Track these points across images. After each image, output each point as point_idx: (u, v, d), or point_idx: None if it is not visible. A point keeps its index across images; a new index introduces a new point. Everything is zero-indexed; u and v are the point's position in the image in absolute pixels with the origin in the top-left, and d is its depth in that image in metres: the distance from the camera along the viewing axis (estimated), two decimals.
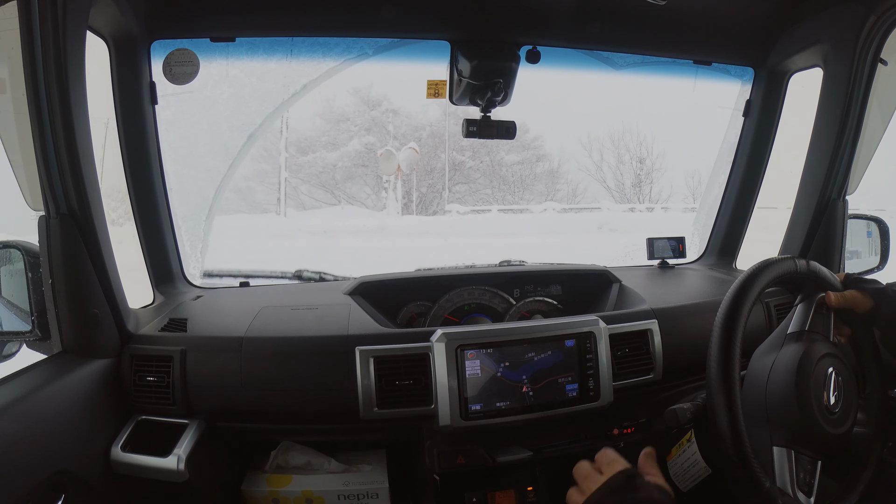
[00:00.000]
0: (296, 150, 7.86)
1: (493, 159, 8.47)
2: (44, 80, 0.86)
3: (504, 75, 1.30)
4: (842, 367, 0.80)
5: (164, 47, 1.23)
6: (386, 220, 8.25)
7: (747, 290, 0.78)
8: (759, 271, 0.80)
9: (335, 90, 7.65)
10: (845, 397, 0.78)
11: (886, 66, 1.27)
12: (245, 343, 1.05)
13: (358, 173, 8.80)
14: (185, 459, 0.96)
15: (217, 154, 1.62)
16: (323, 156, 8.15)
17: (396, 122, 6.95)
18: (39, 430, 0.82)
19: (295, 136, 7.78)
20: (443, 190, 9.21)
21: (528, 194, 9.72)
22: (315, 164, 8.21)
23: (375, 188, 8.87)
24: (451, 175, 8.95)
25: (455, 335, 1.05)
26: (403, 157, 2.73)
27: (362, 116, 8.11)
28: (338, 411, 1.04)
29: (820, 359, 0.78)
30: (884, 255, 1.43)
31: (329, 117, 8.33)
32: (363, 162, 8.71)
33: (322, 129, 7.71)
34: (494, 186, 9.46)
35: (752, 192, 1.66)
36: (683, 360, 1.19)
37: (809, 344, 0.80)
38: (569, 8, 1.26)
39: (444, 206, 8.11)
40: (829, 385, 0.77)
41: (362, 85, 2.83)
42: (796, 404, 0.75)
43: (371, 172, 8.78)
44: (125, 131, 1.25)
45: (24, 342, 0.98)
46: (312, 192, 8.49)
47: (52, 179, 0.91)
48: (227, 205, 8.02)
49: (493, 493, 1.11)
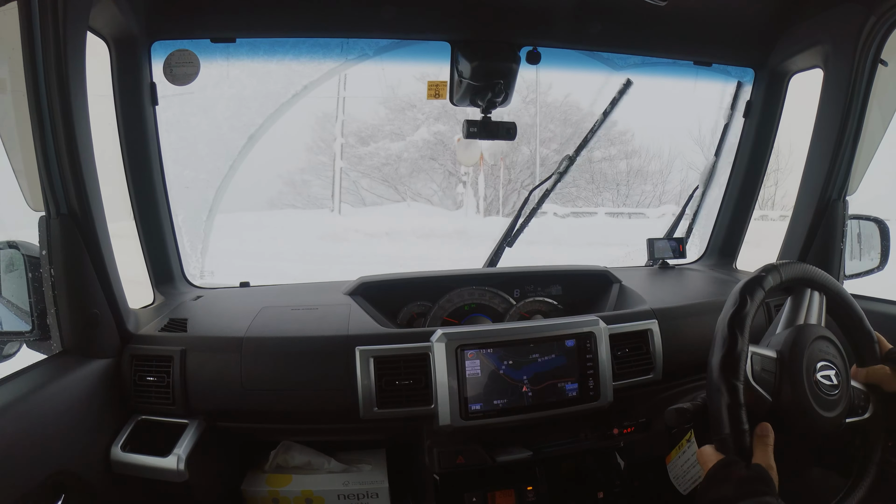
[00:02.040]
0: (356, 139, 6.87)
1: (585, 155, 7.52)
2: (44, 80, 0.87)
3: (504, 76, 1.30)
4: (836, 353, 0.80)
5: (165, 48, 1.23)
6: (466, 222, 6.96)
7: (752, 290, 0.78)
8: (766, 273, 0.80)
9: (399, 77, 6.60)
10: (839, 382, 0.78)
11: (887, 66, 1.27)
12: (245, 343, 1.05)
13: (425, 167, 7.58)
14: (184, 459, 0.97)
15: (217, 155, 1.62)
16: (386, 146, 7.12)
17: (470, 110, 6.32)
18: (40, 430, 0.82)
19: (355, 125, 6.73)
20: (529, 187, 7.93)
21: (634, 194, 8.13)
22: (377, 156, 7.14)
23: (443, 185, 7.66)
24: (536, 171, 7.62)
25: (455, 335, 1.05)
26: (487, 145, 2.28)
27: (430, 104, 6.91)
28: (338, 411, 1.04)
29: (814, 340, 0.78)
30: (884, 256, 1.43)
31: (393, 105, 7.23)
32: (431, 154, 7.49)
33: (386, 118, 6.66)
34: (596, 185, 7.92)
35: (752, 192, 1.66)
36: (683, 361, 1.19)
37: (803, 328, 0.80)
38: (569, 9, 1.26)
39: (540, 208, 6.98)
40: (822, 368, 0.77)
41: (430, 71, 2.44)
42: (790, 387, 0.75)
43: (439, 167, 7.58)
44: (125, 132, 1.25)
45: (25, 342, 0.98)
46: (373, 186, 7.32)
47: (53, 179, 0.91)
48: (281, 199, 7.10)
49: (492, 492, 1.11)
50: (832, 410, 0.76)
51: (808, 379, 0.75)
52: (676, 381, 1.21)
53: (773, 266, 0.82)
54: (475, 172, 7.25)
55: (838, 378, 0.78)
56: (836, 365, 0.78)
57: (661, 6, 1.15)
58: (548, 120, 7.85)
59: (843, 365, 0.80)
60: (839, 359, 0.80)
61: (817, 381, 0.76)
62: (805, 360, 0.76)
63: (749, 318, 0.76)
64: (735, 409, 0.72)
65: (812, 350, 0.77)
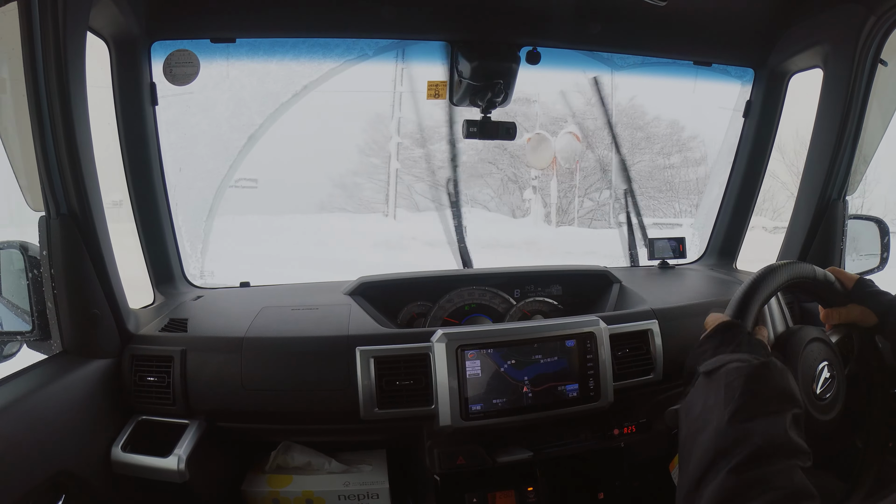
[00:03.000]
0: (410, 141, 6.33)
1: (653, 162, 6.67)
2: (44, 80, 0.87)
3: (504, 76, 1.30)
4: (831, 355, 0.79)
5: (165, 48, 1.23)
6: (537, 231, 6.16)
7: (756, 291, 0.78)
8: (768, 273, 0.79)
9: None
10: (835, 385, 0.78)
11: (886, 66, 1.27)
12: (245, 343, 1.05)
13: (483, 171, 6.95)
14: (185, 460, 0.96)
15: (217, 155, 1.62)
16: (442, 148, 6.89)
17: (531, 111, 5.45)
18: (40, 431, 0.82)
19: (409, 127, 6.14)
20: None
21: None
22: (433, 158, 6.34)
23: (499, 190, 7.05)
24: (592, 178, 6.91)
25: (455, 335, 1.05)
26: (561, 146, 2.04)
27: None
28: (338, 411, 1.04)
29: (809, 343, 0.77)
30: (883, 256, 1.43)
31: (447, 106, 6.88)
32: (490, 157, 6.84)
33: (441, 119, 6.49)
34: (673, 192, 7.07)
35: (752, 192, 1.66)
36: (684, 361, 1.19)
37: (798, 329, 0.79)
38: (569, 9, 1.26)
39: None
40: (820, 372, 0.77)
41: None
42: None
43: (497, 171, 6.97)
44: (125, 132, 1.25)
45: (25, 342, 0.98)
46: (426, 191, 6.62)
47: (53, 180, 0.91)
48: (332, 202, 6.46)
49: (493, 493, 1.11)
50: (829, 413, 0.76)
51: (805, 388, 0.74)
52: (677, 381, 1.21)
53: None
54: (546, 177, 6.48)
55: (833, 378, 0.77)
56: (830, 365, 0.78)
57: (661, 6, 1.15)
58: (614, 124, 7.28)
59: (837, 360, 0.79)
60: (831, 354, 0.79)
61: (814, 390, 0.75)
62: (800, 372, 0.75)
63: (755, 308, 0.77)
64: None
65: (805, 357, 0.76)
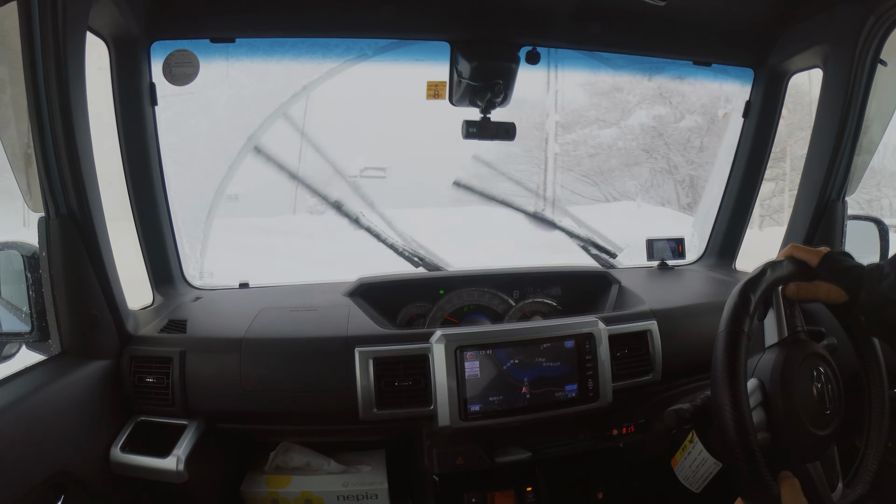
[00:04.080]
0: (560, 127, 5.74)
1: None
2: (44, 80, 0.86)
3: (504, 76, 1.30)
4: (827, 369, 0.78)
5: (164, 48, 1.23)
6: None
7: (754, 287, 0.77)
8: (765, 270, 0.78)
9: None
10: (832, 400, 0.77)
11: (886, 66, 1.27)
12: (244, 344, 1.05)
13: (636, 160, 6.07)
14: (184, 460, 0.97)
15: (217, 155, 1.62)
16: (593, 133, 5.80)
17: (690, 90, 4.96)
18: (39, 431, 0.82)
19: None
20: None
21: None
22: (583, 145, 5.82)
23: (651, 182, 6.09)
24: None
25: (454, 336, 1.05)
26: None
27: (641, 85, 5.61)
28: (337, 412, 1.04)
29: (803, 361, 0.75)
30: (883, 257, 1.43)
31: (595, 89, 5.91)
32: (646, 144, 5.94)
33: (589, 102, 5.64)
34: None
35: (751, 193, 1.66)
36: (683, 361, 1.19)
37: (791, 347, 0.76)
38: (568, 9, 1.26)
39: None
40: (815, 388, 0.76)
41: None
42: (782, 409, 0.73)
43: (648, 160, 6.02)
44: (125, 132, 1.25)
45: (24, 343, 0.98)
46: (569, 183, 5.95)
47: (52, 180, 0.91)
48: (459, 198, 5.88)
49: (492, 493, 1.11)
50: (826, 428, 0.75)
51: (802, 407, 0.72)
52: (676, 381, 1.21)
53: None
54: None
55: (831, 393, 0.76)
56: (828, 381, 0.76)
57: (661, 6, 1.15)
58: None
59: (835, 375, 0.78)
60: (828, 367, 0.78)
61: (812, 406, 0.73)
62: (796, 397, 0.72)
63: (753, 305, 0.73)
64: (752, 456, 0.67)
65: (801, 375, 0.74)
